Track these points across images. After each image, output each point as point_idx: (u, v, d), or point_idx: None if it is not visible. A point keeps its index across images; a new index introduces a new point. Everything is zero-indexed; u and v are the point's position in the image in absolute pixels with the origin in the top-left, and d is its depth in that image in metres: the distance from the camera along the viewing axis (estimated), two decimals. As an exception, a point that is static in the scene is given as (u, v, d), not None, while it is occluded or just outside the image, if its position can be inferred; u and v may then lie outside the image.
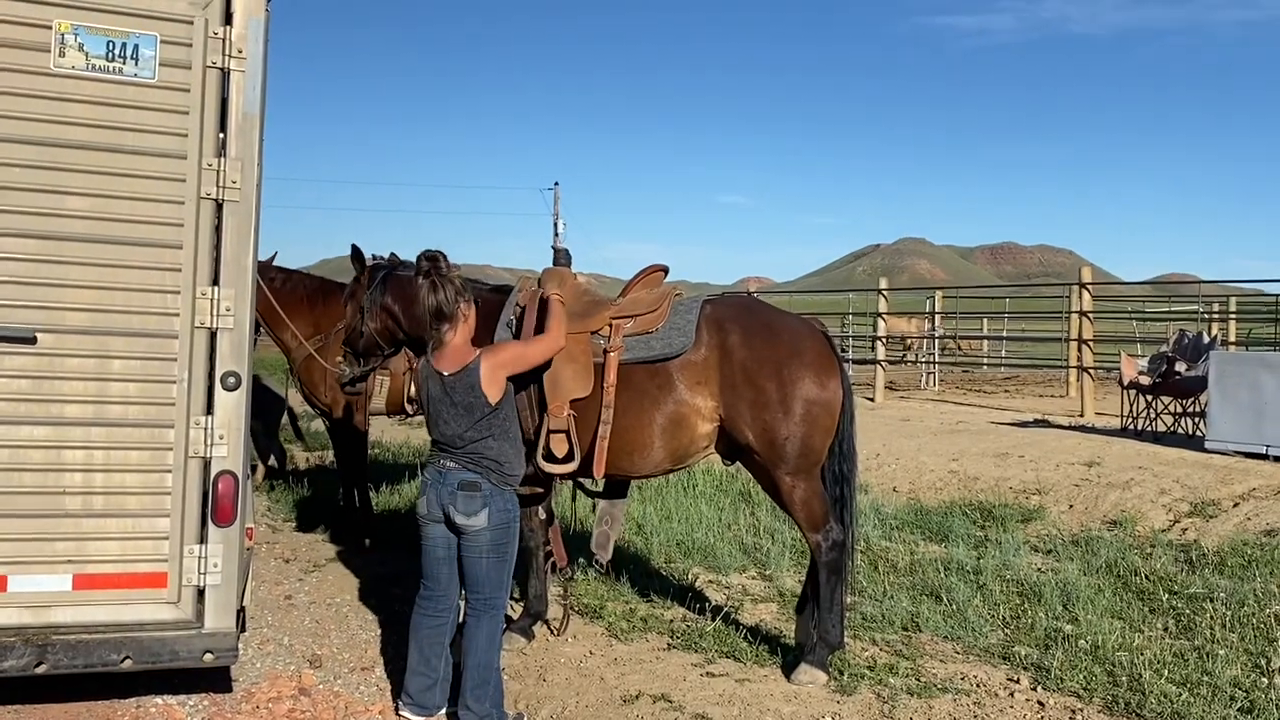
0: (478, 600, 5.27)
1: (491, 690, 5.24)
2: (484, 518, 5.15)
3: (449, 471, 5.21)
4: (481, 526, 5.16)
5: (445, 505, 5.18)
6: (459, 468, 5.20)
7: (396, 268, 6.82)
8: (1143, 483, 10.54)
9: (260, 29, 4.92)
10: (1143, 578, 7.88)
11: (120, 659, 4.81)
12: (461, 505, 5.13)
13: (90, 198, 4.75)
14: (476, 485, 5.16)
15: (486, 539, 5.19)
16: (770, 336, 5.98)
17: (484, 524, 5.16)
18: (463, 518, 5.14)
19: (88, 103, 4.73)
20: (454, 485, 5.16)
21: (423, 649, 5.38)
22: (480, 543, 5.19)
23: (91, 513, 4.81)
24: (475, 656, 5.25)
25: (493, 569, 5.25)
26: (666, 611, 7.19)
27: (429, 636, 5.37)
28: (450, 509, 5.16)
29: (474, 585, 5.28)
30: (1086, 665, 6.04)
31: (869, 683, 5.90)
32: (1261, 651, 6.25)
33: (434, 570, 5.35)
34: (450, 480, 5.18)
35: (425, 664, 5.38)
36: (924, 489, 11.57)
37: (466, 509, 5.14)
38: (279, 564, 8.52)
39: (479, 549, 5.20)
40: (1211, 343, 14.09)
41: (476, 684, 5.23)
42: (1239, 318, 24.32)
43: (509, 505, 5.26)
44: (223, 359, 4.91)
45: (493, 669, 5.28)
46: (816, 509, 5.97)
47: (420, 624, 5.40)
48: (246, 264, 4.93)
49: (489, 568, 5.24)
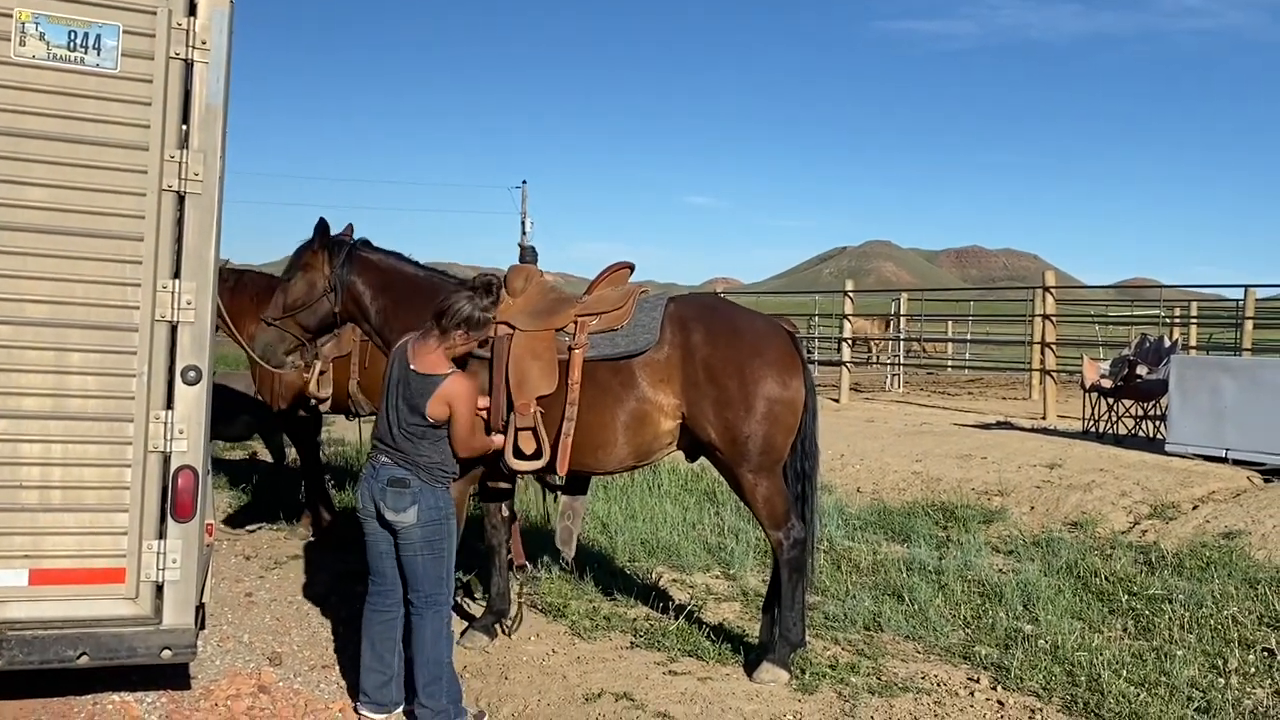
0: (418, 597, 5.27)
1: (445, 685, 5.23)
2: (413, 514, 5.16)
3: (382, 467, 5.23)
4: (411, 523, 5.17)
5: (376, 501, 5.20)
6: (390, 463, 5.21)
7: (361, 246, 6.53)
8: (1103, 485, 10.63)
9: (225, 20, 4.88)
10: (1102, 579, 7.95)
11: (77, 655, 4.75)
12: (391, 501, 5.16)
13: (50, 189, 4.68)
14: (405, 482, 5.16)
15: (418, 535, 5.20)
16: (733, 335, 5.99)
17: (413, 520, 5.17)
18: (392, 514, 5.16)
19: (48, 93, 4.67)
20: (384, 481, 5.18)
21: (374, 645, 5.37)
22: (412, 539, 5.20)
23: (49, 507, 4.76)
24: (424, 654, 5.24)
25: (429, 566, 5.24)
26: (630, 610, 7.19)
27: (380, 632, 5.36)
28: (380, 505, 5.18)
29: (413, 583, 5.28)
30: (1046, 665, 6.08)
31: (831, 681, 5.92)
32: (1219, 652, 6.31)
33: (379, 565, 5.36)
34: (381, 476, 5.20)
35: (378, 660, 5.37)
36: (887, 490, 11.62)
37: (395, 505, 5.16)
38: (240, 561, 8.45)
39: (412, 546, 5.21)
40: (1172, 347, 14.24)
41: (428, 681, 5.22)
42: (1200, 322, 24.57)
43: (440, 503, 5.24)
44: (183, 353, 4.87)
45: (443, 664, 5.26)
46: (778, 506, 5.99)
47: (371, 619, 5.39)
48: (208, 257, 4.89)
49: (425, 565, 5.24)
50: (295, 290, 6.43)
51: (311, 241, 6.45)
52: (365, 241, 6.59)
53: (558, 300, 6.20)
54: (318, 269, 6.39)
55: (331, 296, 6.38)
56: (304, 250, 6.49)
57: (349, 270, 6.37)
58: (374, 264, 6.43)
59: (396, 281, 6.39)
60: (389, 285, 6.37)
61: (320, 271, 6.39)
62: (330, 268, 6.37)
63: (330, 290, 6.37)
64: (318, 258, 6.41)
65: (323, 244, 6.43)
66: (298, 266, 6.47)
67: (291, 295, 6.44)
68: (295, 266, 6.50)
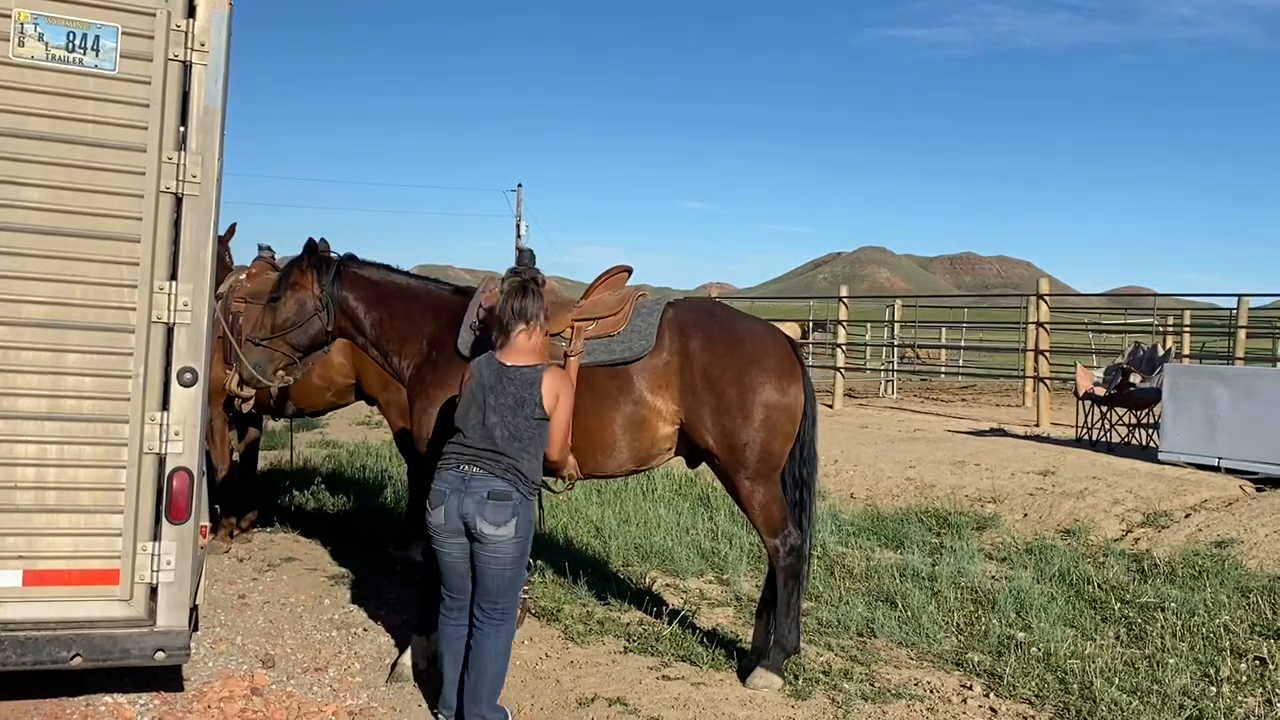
0: (495, 610, 5.12)
1: (497, 695, 5.22)
2: (512, 528, 5.00)
3: (475, 478, 5.02)
4: (509, 537, 5.00)
5: (470, 515, 4.98)
6: (486, 474, 5.02)
7: (349, 261, 6.45)
8: (1096, 492, 10.65)
9: (224, 22, 4.88)
10: (1095, 586, 7.96)
11: (70, 656, 4.74)
12: (491, 515, 4.96)
13: (48, 189, 4.68)
14: (508, 495, 5.00)
15: (512, 550, 5.04)
16: (731, 341, 5.99)
17: (511, 534, 5.00)
18: (491, 528, 4.97)
19: (47, 93, 4.67)
20: (483, 494, 4.98)
21: (456, 659, 5.25)
22: (505, 553, 5.02)
23: (43, 508, 4.75)
24: (495, 666, 5.15)
25: (512, 579, 5.12)
26: (623, 615, 7.19)
27: (459, 648, 5.25)
28: (477, 519, 4.96)
29: (492, 595, 5.10)
30: (1039, 673, 6.09)
31: (824, 687, 5.93)
32: (1210, 661, 6.33)
33: (457, 583, 5.19)
34: (478, 488, 4.99)
35: (457, 672, 5.26)
36: (881, 496, 11.64)
37: (496, 519, 4.97)
38: (233, 563, 8.44)
39: (502, 559, 5.04)
40: (1166, 355, 14.27)
41: (492, 693, 5.16)
42: (1193, 331, 24.63)
43: (531, 515, 5.15)
44: (179, 354, 4.86)
45: (504, 676, 5.24)
46: (775, 514, 5.99)
47: (453, 635, 5.26)
48: (205, 259, 4.89)
49: (509, 579, 5.10)
50: (285, 310, 6.32)
51: (299, 260, 6.37)
52: (351, 256, 6.50)
53: (554, 305, 6.19)
54: (307, 288, 6.30)
55: (324, 315, 6.29)
56: (291, 269, 6.40)
57: (340, 286, 6.30)
58: (365, 278, 6.36)
59: (390, 293, 6.34)
60: (382, 297, 6.33)
61: (310, 290, 6.29)
62: (320, 285, 6.29)
63: (322, 308, 6.29)
64: (306, 276, 6.32)
65: (311, 262, 6.34)
66: (285, 286, 6.35)
67: (281, 315, 6.32)
68: (283, 286, 6.37)
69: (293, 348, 6.37)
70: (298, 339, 6.35)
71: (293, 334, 6.33)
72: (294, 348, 6.38)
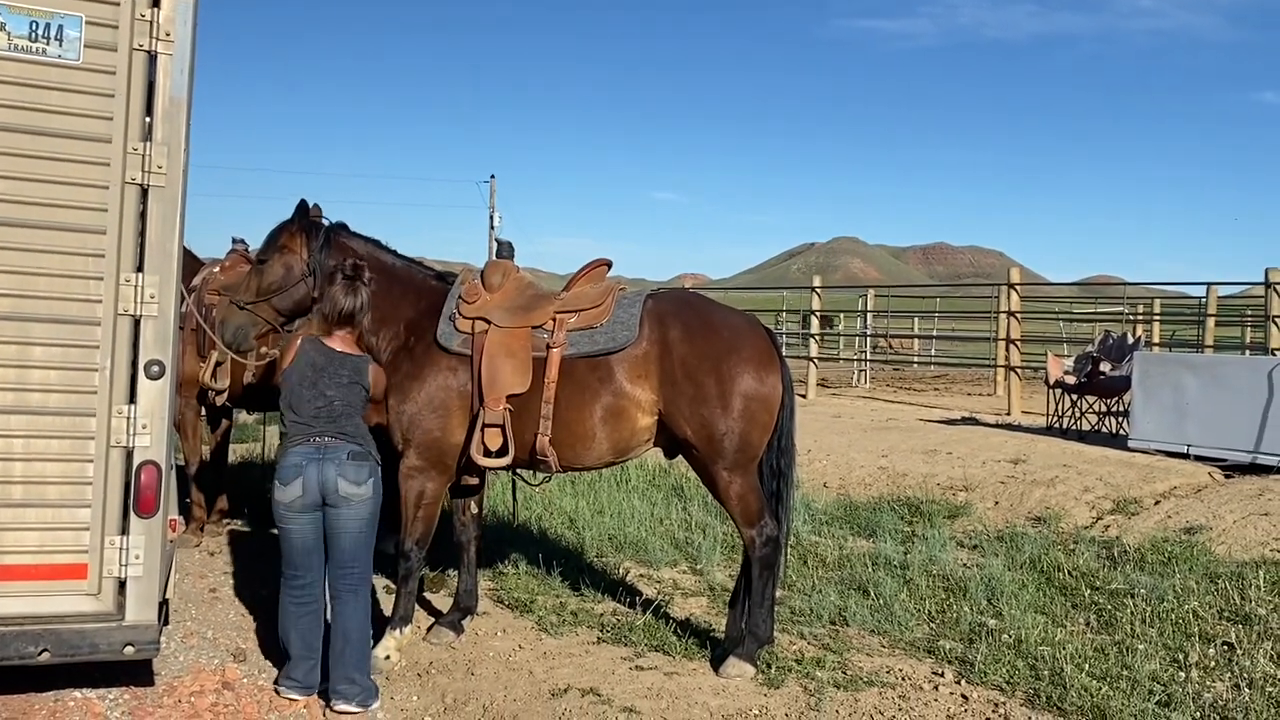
0: (351, 576, 5.40)
1: (367, 659, 5.45)
2: (370, 486, 5.33)
3: (330, 446, 5.32)
4: (367, 496, 5.32)
5: (330, 480, 5.25)
6: (339, 440, 5.34)
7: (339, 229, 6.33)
8: (1067, 480, 10.72)
9: (189, 12, 4.83)
10: (1066, 573, 8.02)
11: (38, 651, 4.70)
12: (353, 474, 5.28)
13: (11, 180, 4.62)
14: (366, 454, 5.36)
15: (368, 509, 5.35)
16: (710, 332, 6.00)
17: (369, 493, 5.33)
18: (353, 487, 5.27)
19: (9, 84, 4.61)
20: (344, 455, 5.29)
21: (305, 637, 5.43)
22: (362, 514, 5.33)
23: (9, 502, 4.70)
24: (359, 632, 5.37)
25: (367, 541, 5.42)
26: (597, 605, 7.19)
27: (308, 624, 5.44)
28: (339, 480, 5.24)
29: (349, 561, 5.39)
30: (1010, 659, 6.12)
31: (796, 676, 5.95)
32: (1180, 646, 6.38)
33: (305, 561, 5.41)
34: (336, 453, 5.30)
35: (308, 649, 5.43)
36: (853, 485, 11.67)
37: (358, 477, 5.29)
38: (204, 556, 8.39)
39: (360, 520, 5.34)
40: (1135, 344, 14.36)
41: (360, 657, 5.36)
42: (1163, 319, 24.85)
43: (380, 479, 5.46)
44: (146, 347, 4.82)
45: (369, 641, 5.48)
46: (752, 504, 6.00)
47: (298, 614, 5.43)
48: (172, 250, 4.84)
49: (365, 540, 5.40)
50: (271, 273, 6.14)
51: (290, 222, 6.20)
52: (343, 225, 6.37)
53: (535, 297, 6.17)
54: (295, 251, 6.14)
55: (310, 280, 6.11)
56: (281, 231, 6.21)
57: (328, 254, 6.13)
58: (353, 250, 6.21)
59: (374, 269, 6.16)
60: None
61: (298, 254, 6.13)
62: (309, 250, 6.13)
63: (309, 274, 6.12)
64: (296, 240, 6.16)
65: (301, 226, 6.18)
66: (274, 248, 6.18)
67: (267, 278, 6.14)
68: (271, 248, 6.19)
69: (276, 312, 6.20)
70: (282, 303, 6.17)
71: (277, 298, 6.16)
72: (278, 312, 6.20)
